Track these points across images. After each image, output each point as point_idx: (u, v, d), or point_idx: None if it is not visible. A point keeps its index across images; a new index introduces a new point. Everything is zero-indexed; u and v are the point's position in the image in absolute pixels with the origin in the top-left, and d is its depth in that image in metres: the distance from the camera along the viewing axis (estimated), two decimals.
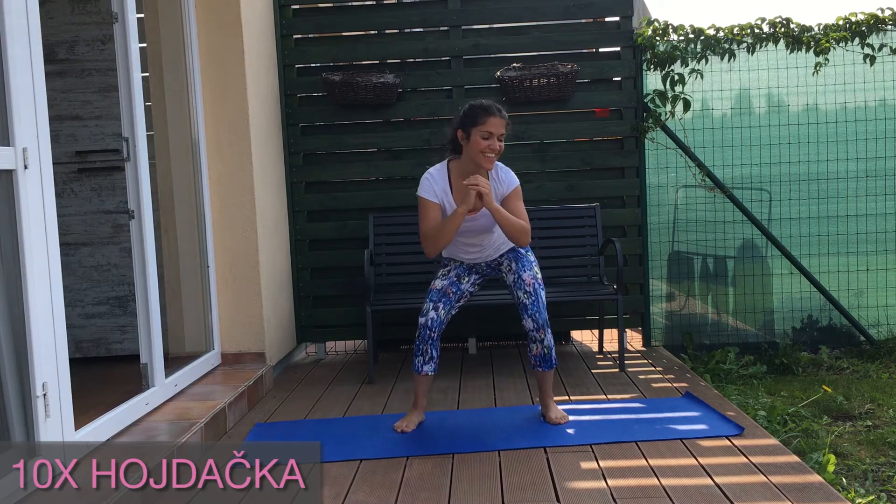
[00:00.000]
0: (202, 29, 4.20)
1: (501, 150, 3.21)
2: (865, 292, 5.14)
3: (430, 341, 3.35)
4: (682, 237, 5.16)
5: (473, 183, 3.10)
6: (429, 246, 3.24)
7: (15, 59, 2.49)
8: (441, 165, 3.34)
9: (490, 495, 2.65)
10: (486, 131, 3.17)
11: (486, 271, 3.51)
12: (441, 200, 3.28)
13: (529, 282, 3.34)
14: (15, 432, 2.48)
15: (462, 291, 3.44)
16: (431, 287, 3.41)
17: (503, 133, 3.20)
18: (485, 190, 3.11)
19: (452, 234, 3.20)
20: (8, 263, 2.49)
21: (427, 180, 3.30)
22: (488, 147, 3.17)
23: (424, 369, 3.38)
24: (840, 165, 5.07)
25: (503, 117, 3.20)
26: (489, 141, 3.17)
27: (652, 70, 4.90)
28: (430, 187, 3.28)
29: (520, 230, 3.22)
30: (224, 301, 4.32)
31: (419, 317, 3.36)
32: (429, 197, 3.27)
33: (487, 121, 3.17)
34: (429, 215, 3.25)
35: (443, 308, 3.36)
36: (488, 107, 3.20)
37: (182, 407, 3.45)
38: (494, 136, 3.17)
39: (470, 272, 3.47)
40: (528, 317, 3.33)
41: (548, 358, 3.38)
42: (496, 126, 3.17)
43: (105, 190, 4.56)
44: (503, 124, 3.19)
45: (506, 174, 3.32)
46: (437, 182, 3.29)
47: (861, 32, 4.77)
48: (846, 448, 3.54)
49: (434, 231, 3.22)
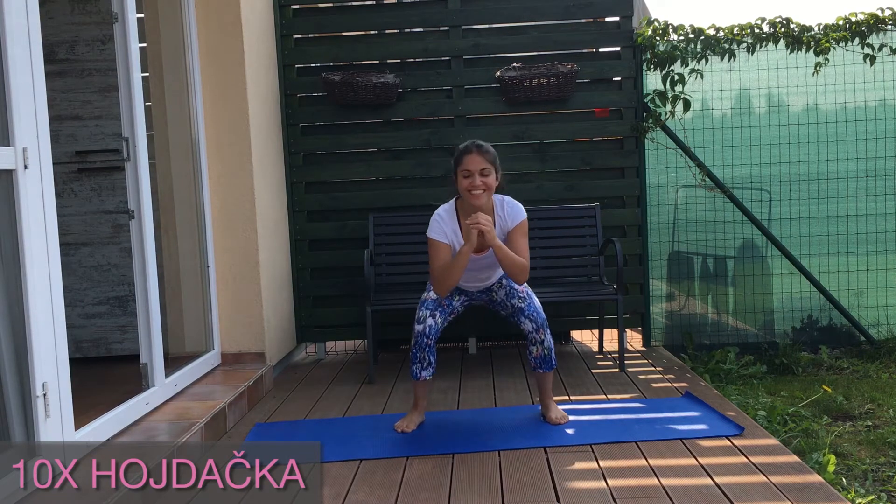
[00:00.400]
0: (202, 29, 4.20)
1: (488, 185, 3.21)
2: (865, 292, 5.14)
3: (427, 349, 3.35)
4: (682, 237, 5.16)
5: (474, 222, 3.14)
6: (439, 286, 3.28)
7: (15, 59, 2.49)
8: (449, 205, 3.38)
9: (490, 495, 2.65)
10: (465, 170, 3.21)
11: (476, 295, 3.55)
12: (451, 241, 3.31)
13: (522, 289, 3.41)
14: (15, 432, 2.48)
15: (453, 307, 3.48)
16: (427, 297, 3.41)
17: (485, 167, 3.20)
18: (485, 228, 3.13)
19: (461, 273, 3.23)
20: (8, 263, 2.48)
21: (436, 221, 3.32)
22: (471, 185, 3.20)
23: (423, 375, 3.39)
24: (840, 165, 5.07)
25: (482, 153, 3.21)
26: (470, 179, 3.20)
27: (652, 70, 4.90)
28: (440, 228, 3.30)
29: (519, 268, 3.24)
30: (224, 301, 4.32)
31: (415, 325, 3.35)
32: (438, 238, 3.30)
33: (463, 160, 3.22)
34: (439, 255, 3.28)
35: (440, 316, 3.38)
36: (466, 146, 3.25)
37: (182, 407, 3.45)
38: (474, 173, 3.19)
39: (461, 293, 3.51)
40: (525, 318, 3.34)
41: (548, 359, 3.38)
42: (473, 163, 3.19)
43: (105, 190, 4.56)
44: (481, 160, 3.20)
45: (511, 209, 3.33)
46: (447, 223, 3.32)
47: (861, 32, 4.77)
48: (846, 448, 3.54)
49: (442, 270, 3.25)
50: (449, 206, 3.37)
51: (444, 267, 3.25)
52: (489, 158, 3.22)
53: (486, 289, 3.52)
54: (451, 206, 3.37)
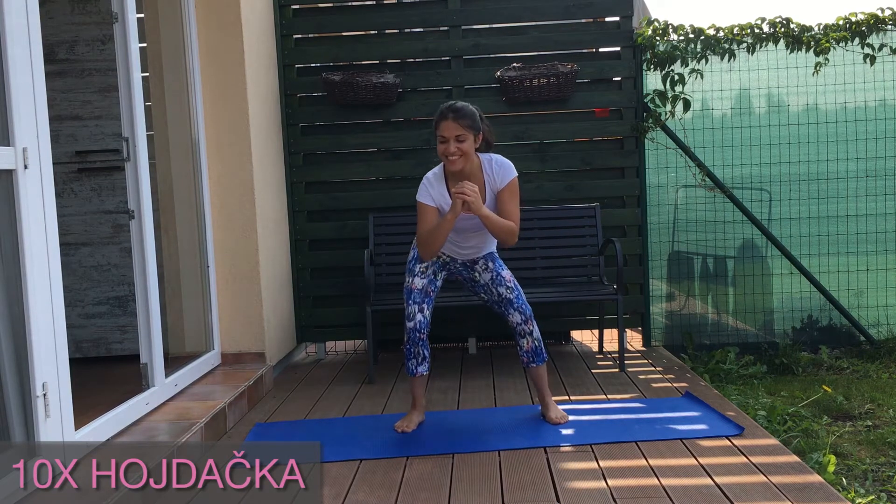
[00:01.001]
0: (202, 29, 4.20)
1: (464, 150, 3.17)
2: (865, 292, 5.15)
3: (420, 343, 3.35)
4: (682, 237, 5.16)
5: (460, 191, 3.12)
6: (424, 249, 3.28)
7: (15, 59, 2.49)
8: (438, 169, 3.36)
9: (490, 495, 2.65)
10: (440, 135, 3.19)
11: (459, 269, 3.51)
12: (439, 204, 3.30)
13: (509, 278, 3.40)
14: (15, 432, 2.48)
15: (437, 288, 3.47)
16: (412, 287, 3.38)
17: (460, 133, 3.16)
18: (470, 199, 3.11)
19: (445, 237, 3.23)
20: (8, 263, 2.48)
21: (424, 185, 3.32)
22: (445, 150, 3.18)
23: (419, 371, 3.39)
24: (840, 165, 5.07)
25: (456, 118, 3.16)
26: (445, 145, 3.18)
27: (652, 70, 4.90)
28: (427, 192, 3.30)
29: (506, 231, 3.22)
30: (224, 301, 4.32)
31: (406, 321, 3.35)
32: (426, 201, 3.29)
33: (439, 125, 3.19)
34: (426, 219, 3.28)
35: (427, 308, 3.38)
36: (442, 111, 3.21)
37: (182, 407, 3.45)
38: (449, 139, 3.16)
39: (443, 268, 3.49)
40: (514, 310, 3.34)
41: (539, 351, 3.38)
42: (447, 129, 3.16)
43: (105, 190, 4.56)
44: (454, 126, 3.15)
45: (500, 168, 3.29)
46: (434, 186, 3.31)
47: (861, 32, 4.77)
48: (846, 448, 3.54)
49: (427, 234, 3.24)
50: (438, 169, 3.36)
51: (429, 231, 3.24)
52: (465, 124, 3.16)
53: (470, 264, 3.47)
54: (440, 169, 3.35)
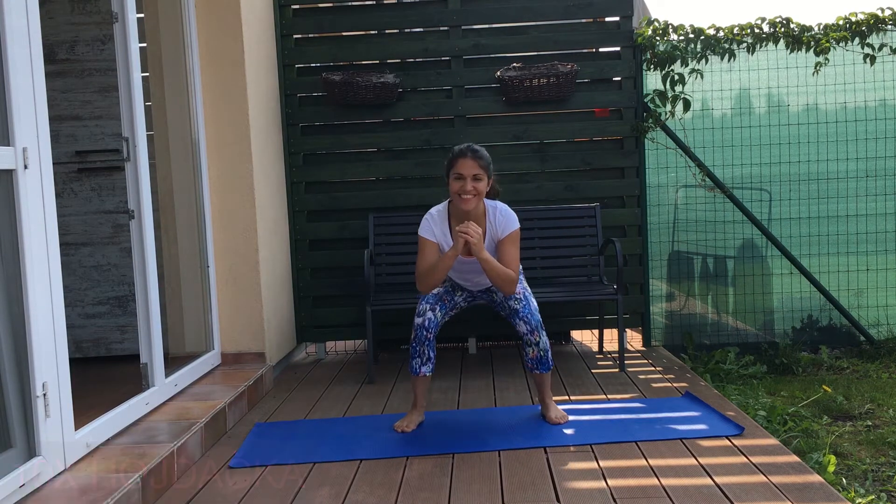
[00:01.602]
0: (202, 29, 4.20)
1: (479, 190, 3.21)
2: (865, 292, 5.15)
3: (426, 342, 3.35)
4: (682, 237, 5.16)
5: (463, 230, 3.14)
6: (421, 284, 3.29)
7: (15, 59, 2.49)
8: (443, 206, 3.39)
9: (490, 495, 2.65)
10: (457, 173, 3.21)
11: (478, 294, 3.56)
12: (439, 241, 3.33)
13: (519, 291, 3.40)
14: (15, 432, 2.48)
15: (455, 302, 3.49)
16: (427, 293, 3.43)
17: (477, 173, 3.20)
18: (473, 239, 3.13)
19: (444, 275, 3.25)
20: (8, 263, 2.49)
21: (427, 221, 3.34)
22: (461, 188, 3.20)
23: (422, 370, 3.39)
24: (840, 165, 5.07)
25: (476, 158, 3.20)
26: (461, 182, 3.20)
27: (652, 70, 4.90)
28: (430, 227, 3.32)
29: (504, 279, 3.23)
30: (224, 301, 4.32)
31: (415, 317, 3.37)
32: (427, 236, 3.32)
33: (456, 163, 3.22)
34: (425, 254, 3.30)
35: (439, 310, 3.38)
36: (461, 150, 3.25)
37: (182, 407, 3.45)
38: (466, 177, 3.19)
39: (461, 289, 3.54)
40: (519, 320, 3.34)
41: (544, 360, 3.38)
42: (465, 167, 3.19)
43: (105, 190, 4.56)
44: (474, 165, 3.19)
45: (504, 218, 3.32)
46: (437, 223, 3.33)
47: (861, 32, 4.77)
48: (846, 448, 3.54)
49: (426, 270, 3.27)
50: (442, 206, 3.39)
51: (428, 267, 3.26)
52: (482, 164, 3.22)
53: (486, 289, 3.53)
54: (444, 206, 3.38)
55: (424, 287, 3.29)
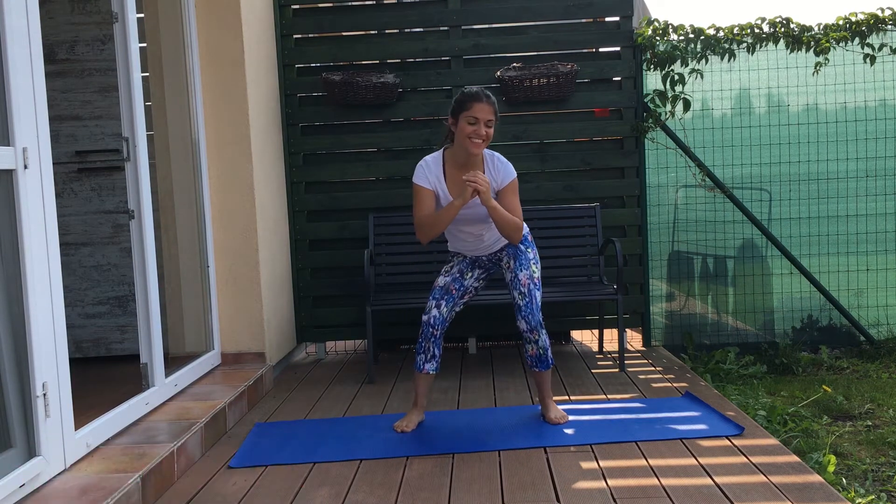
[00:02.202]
0: (202, 29, 4.20)
1: (489, 136, 3.22)
2: (865, 292, 5.15)
3: (432, 339, 3.35)
4: (682, 237, 5.16)
5: (472, 179, 3.13)
6: (422, 233, 3.28)
7: (15, 59, 2.49)
8: (437, 153, 3.38)
9: (490, 495, 2.65)
10: (473, 116, 3.19)
11: (489, 265, 3.52)
12: (434, 187, 3.31)
13: (525, 282, 3.36)
14: (15, 432, 2.48)
15: (466, 287, 3.45)
16: (435, 284, 3.43)
17: (491, 119, 3.20)
18: (482, 188, 3.13)
19: (446, 225, 3.23)
20: (8, 263, 2.49)
21: (421, 167, 3.33)
22: (474, 132, 3.19)
23: (426, 367, 3.39)
24: (840, 165, 5.08)
25: (490, 104, 3.21)
26: (475, 126, 3.19)
27: (652, 70, 4.90)
28: (424, 174, 3.31)
29: (512, 227, 3.24)
30: (224, 301, 4.32)
31: (423, 314, 3.38)
32: (423, 184, 3.30)
33: (473, 106, 3.20)
34: (423, 202, 3.29)
35: (445, 305, 3.37)
36: (476, 93, 3.23)
37: (182, 407, 3.45)
38: (481, 121, 3.18)
39: (473, 267, 3.49)
40: (521, 318, 3.34)
41: (543, 358, 3.38)
42: (482, 111, 3.19)
43: (105, 190, 4.56)
44: (490, 110, 3.20)
45: (503, 166, 3.32)
46: (431, 169, 3.32)
47: (861, 32, 4.77)
48: (846, 448, 3.54)
49: (428, 219, 3.25)
50: (436, 154, 3.37)
51: (429, 217, 3.25)
52: (495, 110, 3.23)
53: (495, 259, 3.49)
54: (439, 154, 3.36)
55: (424, 236, 3.27)
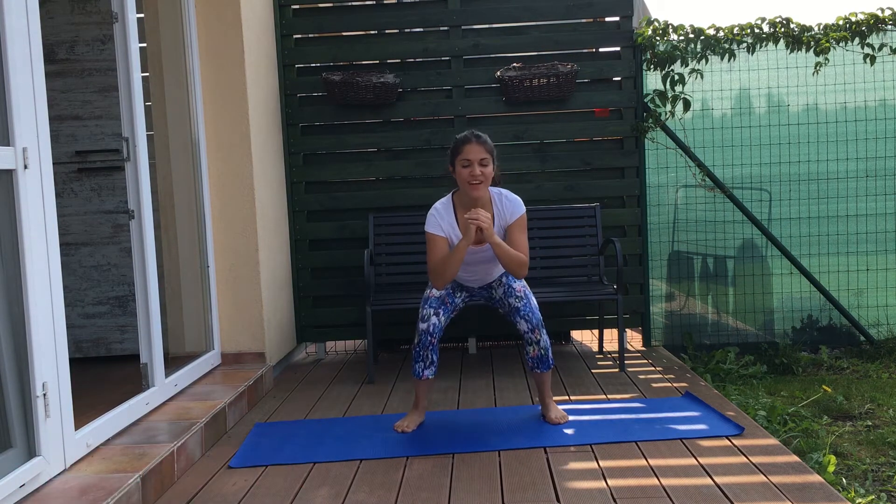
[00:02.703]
0: (202, 29, 4.20)
1: (487, 175, 3.23)
2: (865, 292, 5.15)
3: (430, 347, 3.35)
4: (682, 237, 5.16)
5: (474, 217, 3.14)
6: (436, 279, 3.28)
7: (15, 59, 2.49)
8: (446, 199, 3.38)
9: (490, 495, 2.65)
10: (465, 159, 3.21)
11: (476, 291, 3.55)
12: (448, 234, 3.31)
13: (519, 289, 3.40)
14: (15, 432, 2.48)
15: (456, 304, 3.48)
16: (429, 295, 3.42)
17: (484, 157, 3.21)
18: (484, 224, 3.14)
19: (458, 267, 3.24)
20: (8, 263, 2.49)
21: (433, 216, 3.33)
22: (470, 174, 3.20)
23: (425, 374, 3.39)
24: (840, 165, 5.08)
25: (481, 143, 3.23)
26: (469, 168, 3.20)
27: (652, 70, 4.90)
28: (437, 222, 3.31)
29: (518, 263, 3.24)
30: (224, 301, 4.32)
31: (419, 323, 3.36)
32: (435, 232, 3.30)
33: (463, 149, 3.23)
34: (436, 250, 3.29)
35: (443, 314, 3.38)
36: (465, 136, 3.26)
37: (182, 407, 3.45)
38: (474, 162, 3.20)
39: (462, 289, 3.51)
40: (520, 318, 3.34)
41: (545, 359, 3.38)
42: (473, 152, 3.20)
43: (105, 190, 4.56)
44: (481, 150, 3.21)
45: (510, 203, 3.33)
46: (444, 217, 3.32)
47: (861, 32, 4.77)
48: (846, 448, 3.54)
49: (439, 264, 3.26)
50: (446, 199, 3.38)
51: (441, 261, 3.25)
52: (488, 148, 3.24)
53: (486, 286, 3.52)
54: (448, 199, 3.37)
55: (440, 282, 3.27)
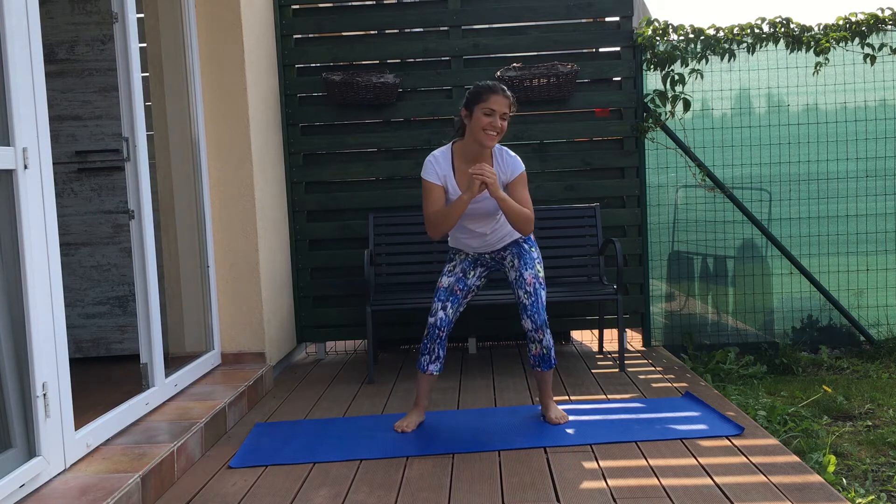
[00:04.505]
0: (202, 29, 4.20)
1: (503, 129, 3.21)
2: (865, 292, 5.15)
3: (438, 340, 3.35)
4: (682, 237, 5.16)
5: (478, 172, 3.12)
6: (432, 229, 3.26)
7: (15, 59, 2.49)
8: (445, 148, 3.36)
9: (490, 495, 2.65)
10: (489, 108, 3.17)
11: (491, 264, 3.51)
12: (443, 182, 3.29)
13: (530, 281, 3.35)
14: (15, 432, 2.48)
15: (469, 287, 3.44)
16: (439, 285, 3.41)
17: (506, 112, 3.19)
18: (490, 180, 3.12)
19: (456, 219, 3.21)
20: (8, 263, 2.49)
21: (430, 163, 3.31)
22: (490, 124, 3.17)
23: (430, 368, 3.39)
24: (840, 165, 5.08)
25: (507, 97, 3.20)
26: (491, 118, 3.17)
27: (652, 70, 4.90)
28: (433, 170, 3.29)
29: (524, 219, 3.22)
30: (224, 301, 4.32)
31: (428, 316, 3.37)
32: (431, 179, 3.28)
33: (490, 98, 3.18)
34: (432, 198, 3.27)
35: (451, 307, 3.37)
36: (493, 86, 3.22)
37: (182, 407, 3.45)
38: (497, 113, 3.17)
39: (475, 265, 3.48)
40: (526, 317, 3.34)
41: (547, 358, 3.38)
42: (499, 104, 3.17)
43: (105, 190, 4.56)
44: (507, 103, 3.19)
45: (511, 159, 3.31)
46: (440, 164, 3.30)
47: (861, 32, 4.77)
48: (846, 448, 3.54)
49: (438, 215, 3.23)
50: (445, 148, 3.35)
51: (438, 212, 3.23)
52: (511, 104, 3.22)
53: (498, 258, 3.47)
54: (448, 149, 3.34)
55: (435, 232, 3.25)
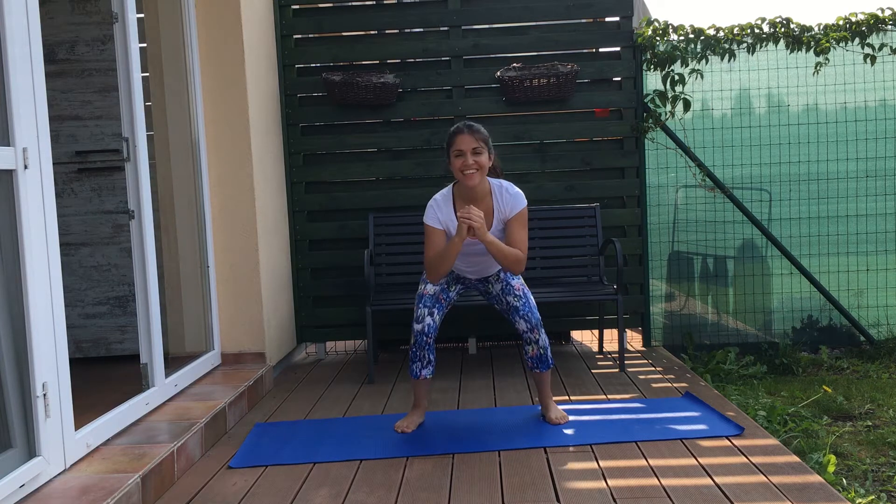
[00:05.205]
0: (202, 29, 4.20)
1: (482, 164, 3.21)
2: (865, 292, 5.15)
3: (426, 347, 3.35)
4: (682, 237, 5.16)
5: (466, 216, 3.14)
6: (431, 273, 3.28)
7: (15, 59, 2.49)
8: (447, 190, 3.37)
9: (490, 495, 2.65)
10: (457, 150, 3.21)
11: (473, 283, 3.53)
12: (446, 226, 3.31)
13: (518, 287, 3.39)
14: (15, 432, 2.48)
15: (450, 299, 3.47)
16: (423, 293, 3.40)
17: (476, 146, 3.19)
18: (476, 224, 3.13)
19: (452, 261, 3.23)
20: (8, 263, 2.49)
21: (431, 207, 3.32)
22: (463, 164, 3.20)
23: (423, 374, 3.39)
24: (840, 165, 5.08)
25: (471, 132, 3.21)
26: (462, 158, 3.20)
27: (652, 70, 4.90)
28: (434, 214, 3.31)
29: (513, 260, 3.22)
30: (224, 301, 4.32)
31: (414, 323, 3.36)
32: (433, 224, 3.30)
33: (455, 139, 3.22)
34: (432, 242, 3.29)
35: (437, 313, 3.38)
36: (456, 127, 3.26)
37: (182, 407, 3.45)
38: (466, 152, 3.19)
39: (457, 281, 3.50)
40: (520, 318, 3.34)
41: (544, 358, 3.38)
42: (464, 142, 3.20)
43: (105, 190, 4.56)
44: (471, 139, 3.20)
45: (510, 197, 3.30)
46: (442, 209, 3.32)
47: (861, 32, 4.77)
48: (846, 448, 3.54)
49: (436, 259, 3.25)
50: (446, 191, 3.36)
51: (436, 255, 3.25)
52: (480, 137, 3.22)
53: (483, 279, 3.50)
54: (448, 191, 3.36)
55: (435, 276, 3.27)
